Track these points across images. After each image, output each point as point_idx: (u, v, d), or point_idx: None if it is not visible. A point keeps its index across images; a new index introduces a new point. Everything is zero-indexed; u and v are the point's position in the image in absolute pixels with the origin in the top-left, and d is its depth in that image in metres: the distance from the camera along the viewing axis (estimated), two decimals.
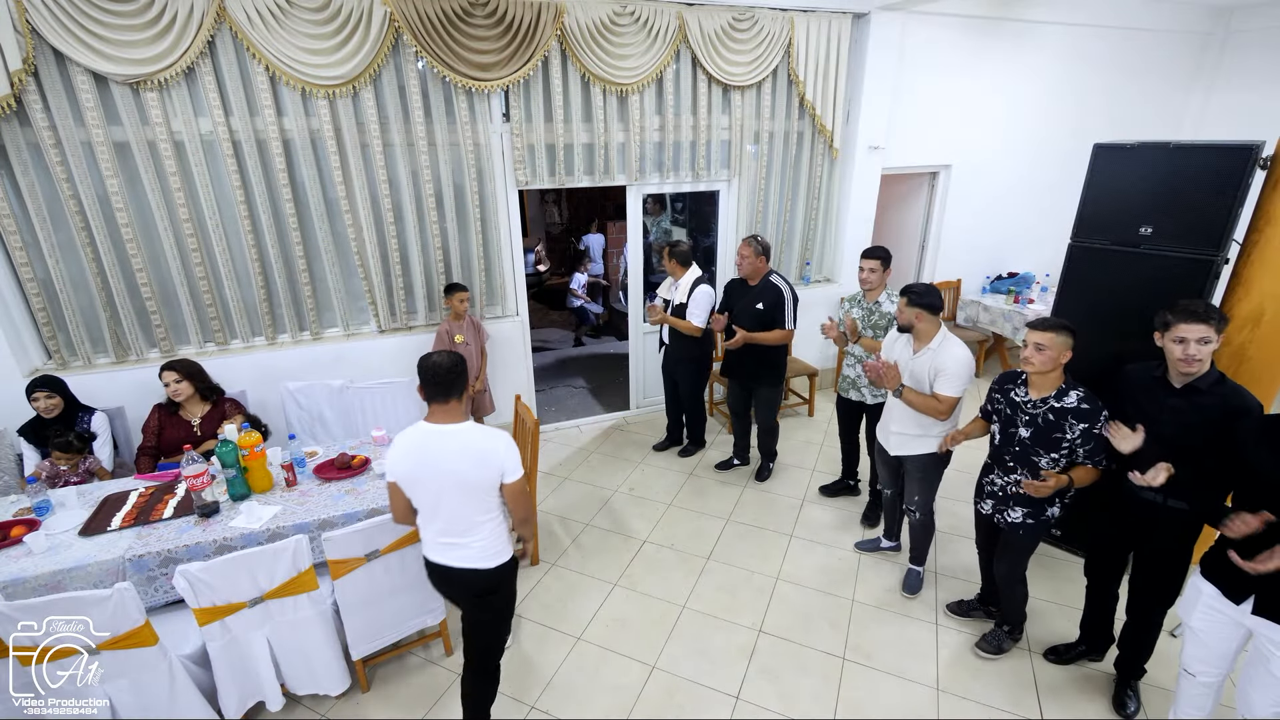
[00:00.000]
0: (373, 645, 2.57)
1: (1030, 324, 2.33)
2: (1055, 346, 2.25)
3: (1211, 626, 2.03)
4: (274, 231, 3.65)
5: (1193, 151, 2.67)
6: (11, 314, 3.36)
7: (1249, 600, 1.91)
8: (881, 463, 3.19)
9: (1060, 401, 2.30)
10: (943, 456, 2.89)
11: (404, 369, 4.10)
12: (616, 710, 2.55)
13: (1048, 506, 2.46)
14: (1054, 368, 2.29)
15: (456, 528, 2.07)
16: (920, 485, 2.97)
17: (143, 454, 3.15)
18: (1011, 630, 2.78)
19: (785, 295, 3.64)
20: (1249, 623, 1.93)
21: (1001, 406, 2.50)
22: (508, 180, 4.10)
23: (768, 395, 3.92)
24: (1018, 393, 2.42)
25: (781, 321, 3.66)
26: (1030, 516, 2.48)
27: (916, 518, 3.04)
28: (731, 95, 4.42)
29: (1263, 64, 5.60)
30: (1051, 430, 2.32)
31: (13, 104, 3.00)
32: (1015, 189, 5.69)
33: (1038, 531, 2.51)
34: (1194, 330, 2.06)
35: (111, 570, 2.34)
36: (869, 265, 3.36)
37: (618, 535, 3.64)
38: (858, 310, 3.50)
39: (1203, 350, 2.07)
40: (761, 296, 3.65)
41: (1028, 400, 2.38)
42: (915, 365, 2.80)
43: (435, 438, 2.03)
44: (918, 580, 3.16)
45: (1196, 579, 2.09)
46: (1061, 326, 2.27)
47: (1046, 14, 5.10)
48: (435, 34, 3.50)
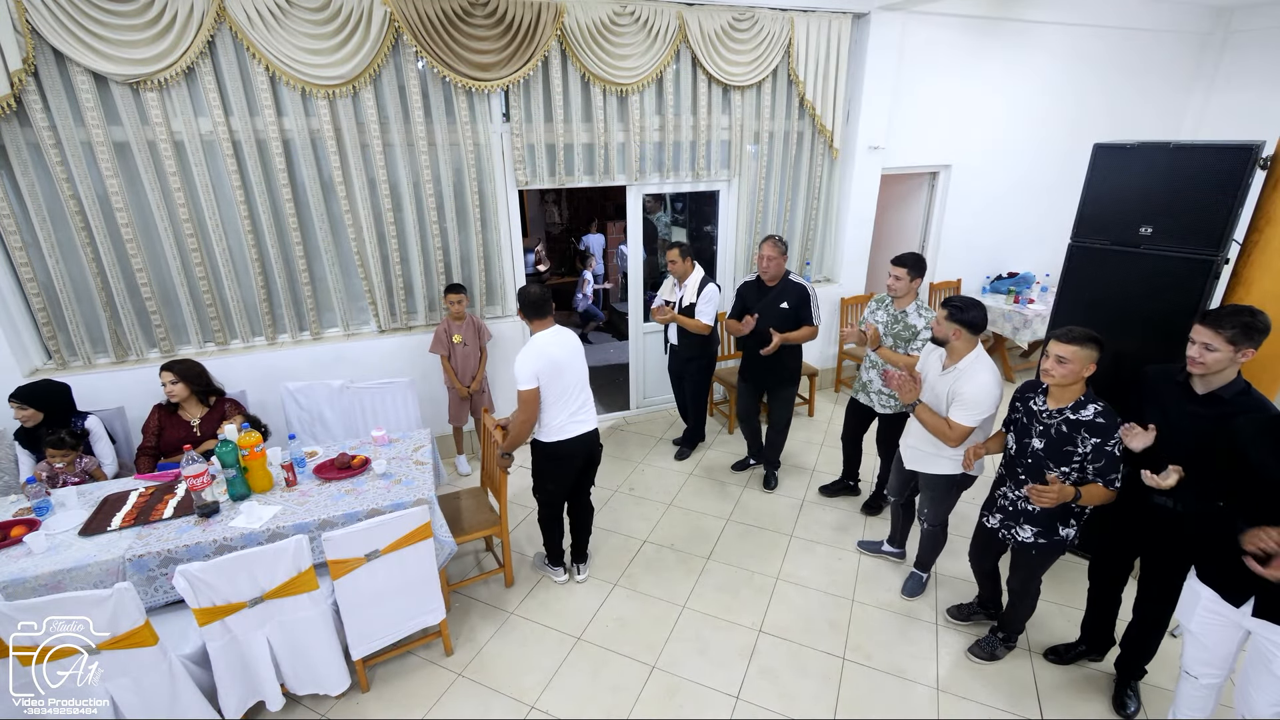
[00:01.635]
0: (373, 645, 2.57)
1: (1055, 334, 2.21)
2: (1079, 360, 2.14)
3: (1211, 629, 2.03)
4: (274, 231, 3.65)
5: (1193, 151, 2.67)
6: (11, 314, 3.36)
7: (1249, 603, 1.91)
8: (895, 469, 3.13)
9: (1076, 414, 2.20)
10: (958, 480, 2.79)
11: (404, 369, 4.10)
12: (616, 710, 2.55)
13: (1060, 526, 2.36)
14: (1075, 380, 2.18)
15: (588, 403, 2.95)
16: (932, 502, 2.92)
17: (142, 454, 3.14)
18: (1007, 638, 2.76)
19: (810, 292, 3.62)
20: (1249, 624, 1.93)
21: (1019, 415, 2.40)
22: (508, 180, 4.10)
23: (788, 395, 3.88)
24: (1036, 402, 2.33)
25: (809, 319, 3.62)
26: (1041, 536, 2.39)
27: (926, 528, 3.01)
28: (731, 95, 4.42)
29: (1263, 64, 5.60)
30: (1064, 442, 2.23)
31: (13, 104, 2.99)
32: (1015, 189, 5.70)
33: (1050, 551, 2.42)
34: (1200, 334, 2.04)
35: (111, 570, 2.34)
36: (896, 272, 3.17)
37: (618, 535, 3.64)
38: (883, 314, 3.31)
39: (1205, 355, 2.03)
40: (785, 296, 3.61)
41: (1044, 410, 2.29)
42: (939, 383, 2.67)
43: (555, 336, 2.80)
44: (918, 584, 3.15)
45: (1194, 582, 2.08)
46: (1088, 339, 2.14)
47: (1046, 14, 5.10)
48: (435, 34, 3.50)
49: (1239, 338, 1.98)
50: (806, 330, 3.63)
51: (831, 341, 5.49)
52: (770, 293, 3.65)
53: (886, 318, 3.30)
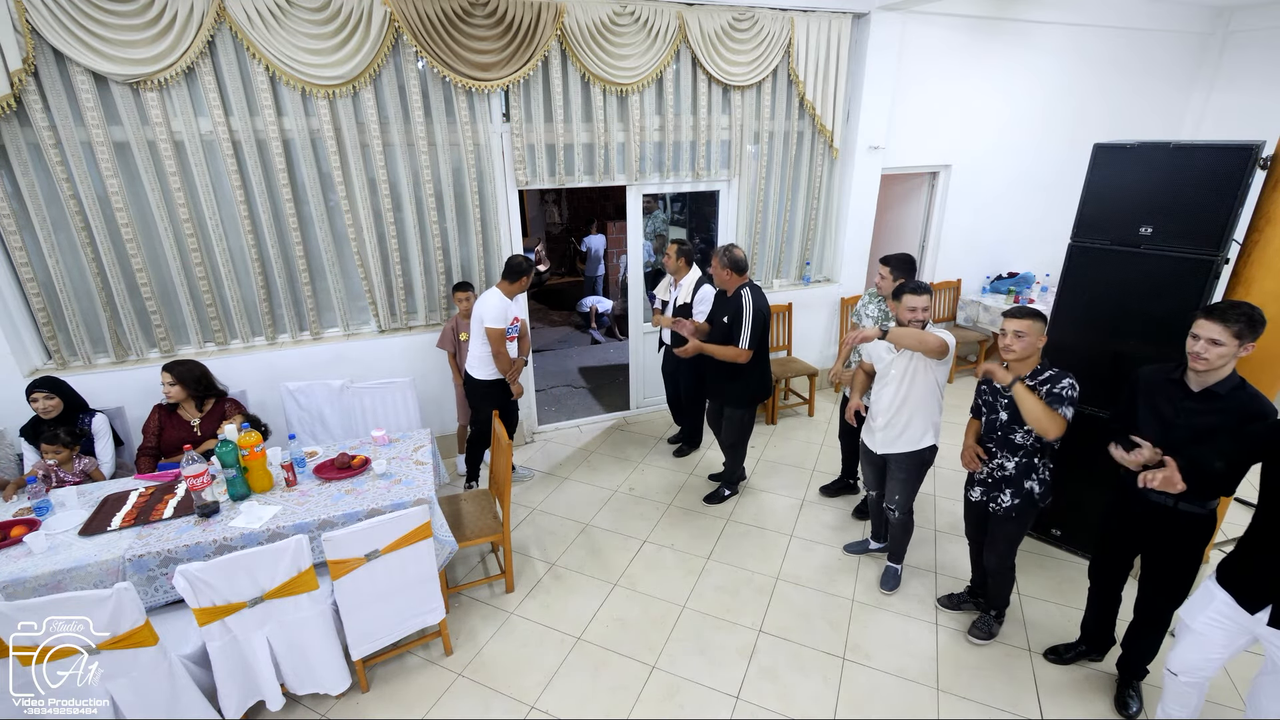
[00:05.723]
0: (373, 645, 2.56)
1: (1006, 313, 2.44)
2: (1032, 332, 2.37)
3: (1216, 631, 2.01)
4: (274, 231, 3.65)
5: (1193, 151, 2.67)
6: (11, 314, 3.36)
7: (1264, 611, 1.89)
8: (867, 463, 3.19)
9: (1033, 380, 2.42)
10: (928, 457, 2.93)
11: (404, 369, 4.10)
12: (616, 710, 2.55)
13: (1025, 481, 2.55)
14: (1033, 353, 2.41)
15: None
16: (902, 485, 2.98)
17: (143, 454, 3.15)
18: (998, 614, 2.87)
19: (745, 310, 3.35)
20: (1261, 632, 1.91)
21: (986, 397, 2.63)
22: (508, 180, 4.10)
23: (734, 415, 3.67)
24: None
25: (736, 338, 3.38)
26: (1015, 495, 2.57)
27: (896, 516, 3.05)
28: (731, 95, 4.42)
29: (1263, 64, 5.60)
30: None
31: (13, 104, 3.00)
32: (1015, 189, 5.70)
33: (1026, 510, 2.58)
34: (1205, 328, 2.04)
35: (111, 570, 2.34)
36: (882, 271, 3.37)
37: (618, 535, 3.64)
38: (874, 307, 3.54)
39: (1211, 350, 2.03)
40: (728, 309, 3.46)
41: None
42: (906, 355, 2.79)
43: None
44: (894, 577, 3.19)
45: (1211, 584, 2.06)
46: (1035, 314, 2.39)
47: (1046, 14, 5.10)
48: (435, 34, 3.50)
49: (1244, 331, 2.00)
50: (729, 349, 3.39)
51: (831, 342, 5.49)
52: (724, 302, 3.53)
53: (878, 312, 3.52)
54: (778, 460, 4.43)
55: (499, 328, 3.49)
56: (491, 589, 3.22)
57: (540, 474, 4.30)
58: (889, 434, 2.92)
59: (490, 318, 3.49)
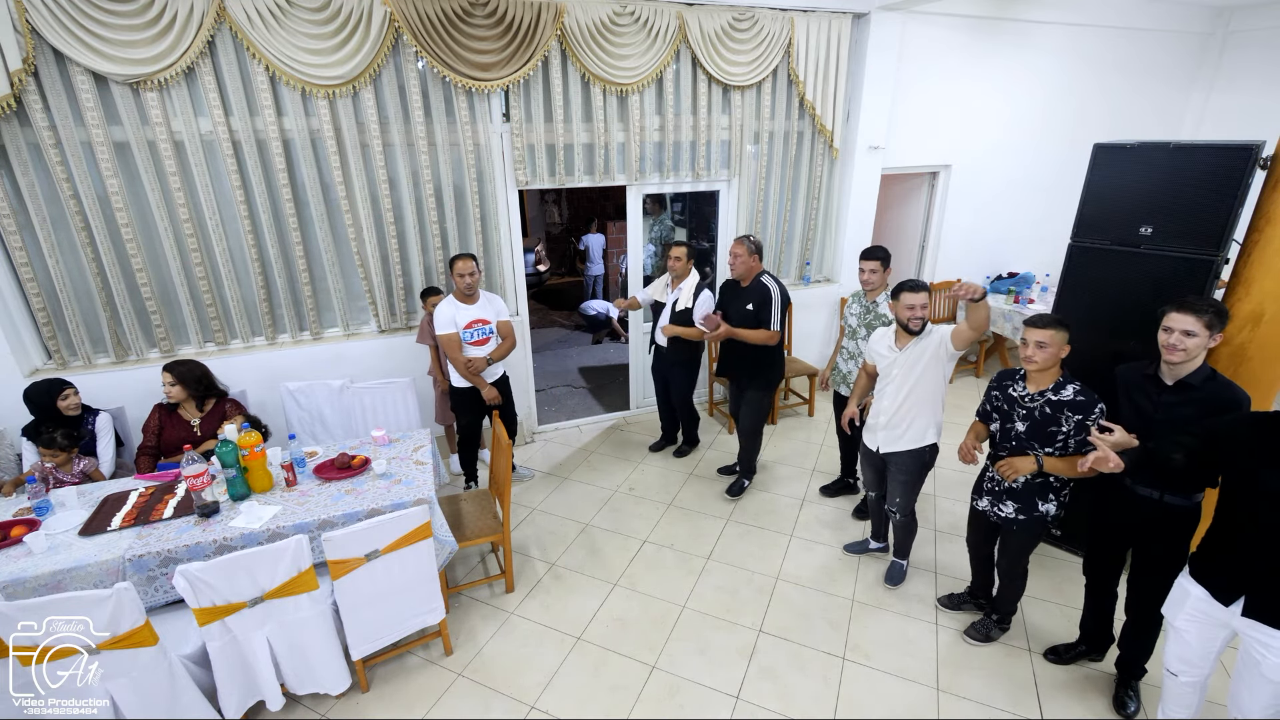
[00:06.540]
0: (373, 645, 2.56)
1: (1028, 322, 2.33)
2: (1055, 343, 2.27)
3: (1196, 627, 2.03)
4: (274, 231, 3.65)
5: (1193, 151, 2.67)
6: (11, 314, 3.36)
7: (1238, 602, 1.91)
8: (867, 464, 3.18)
9: (1058, 395, 2.32)
10: (929, 459, 2.90)
11: (404, 369, 4.10)
12: (616, 710, 2.55)
13: (1040, 503, 2.47)
14: (1055, 363, 2.31)
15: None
16: (903, 488, 2.96)
17: (143, 454, 3.15)
18: (1000, 620, 2.83)
19: (772, 295, 3.56)
20: (1237, 624, 1.92)
21: (1000, 403, 2.51)
22: (508, 180, 4.10)
23: (755, 398, 3.81)
24: (1015, 388, 2.44)
25: (767, 322, 3.57)
26: (1020, 512, 2.50)
27: (898, 519, 3.05)
28: (731, 95, 4.42)
29: (1263, 64, 5.60)
30: (1048, 424, 2.34)
31: (13, 104, 3.00)
32: (1015, 189, 5.70)
33: (1032, 528, 2.52)
34: (1178, 320, 2.09)
35: (111, 570, 2.34)
36: (869, 266, 3.37)
37: (618, 535, 3.64)
38: (857, 307, 3.53)
39: (1186, 342, 2.08)
40: (751, 297, 3.62)
41: (1025, 394, 2.40)
42: (911, 355, 2.78)
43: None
44: (900, 572, 3.19)
45: (1185, 580, 2.09)
46: (1058, 322, 2.29)
47: (1046, 14, 5.10)
48: (435, 34, 3.50)
49: (1214, 321, 2.08)
50: (761, 332, 3.56)
51: (831, 341, 5.49)
52: (743, 293, 3.67)
53: (860, 309, 3.53)
54: (778, 460, 4.43)
55: (446, 333, 3.48)
56: (491, 589, 3.22)
57: (540, 474, 4.30)
58: (892, 433, 2.91)
59: (438, 325, 3.50)
